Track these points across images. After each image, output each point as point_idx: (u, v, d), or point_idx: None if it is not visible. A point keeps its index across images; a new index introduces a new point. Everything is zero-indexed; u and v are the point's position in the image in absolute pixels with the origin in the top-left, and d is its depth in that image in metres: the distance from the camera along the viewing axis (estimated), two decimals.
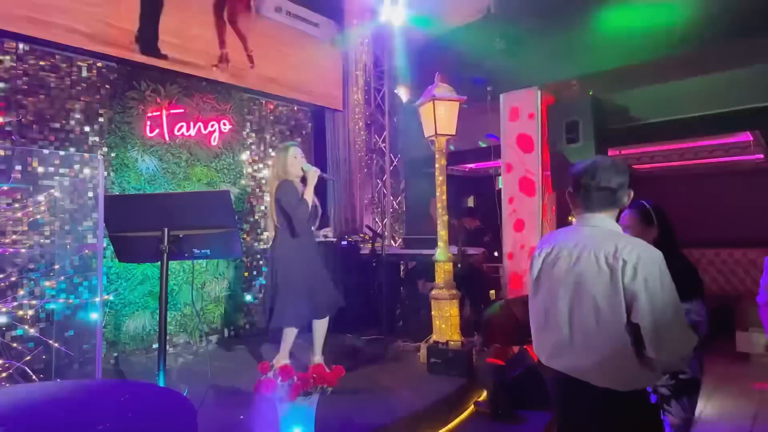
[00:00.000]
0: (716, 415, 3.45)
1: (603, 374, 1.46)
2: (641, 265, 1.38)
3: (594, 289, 1.45)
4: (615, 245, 1.44)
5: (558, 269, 1.56)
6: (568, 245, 1.56)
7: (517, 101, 4.81)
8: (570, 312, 1.51)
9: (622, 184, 1.53)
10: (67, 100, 3.73)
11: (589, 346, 1.47)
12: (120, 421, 1.00)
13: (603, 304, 1.43)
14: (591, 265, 1.46)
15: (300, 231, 3.17)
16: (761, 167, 6.40)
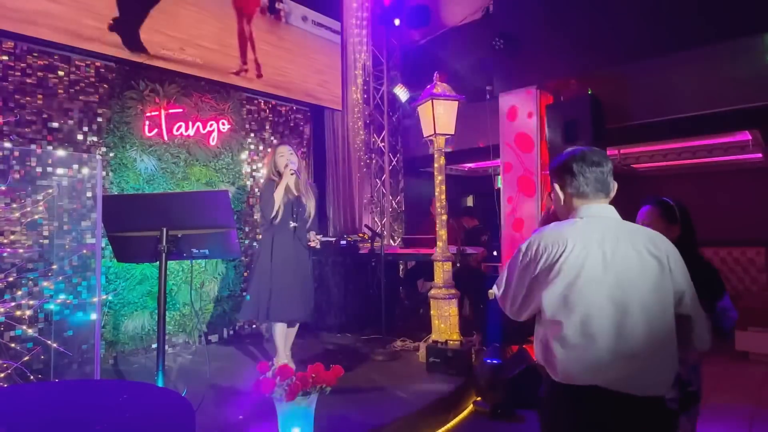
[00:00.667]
0: (715, 414, 3.45)
1: (652, 379, 1.31)
2: (676, 257, 1.35)
3: (641, 285, 1.30)
4: (648, 236, 1.36)
5: (591, 268, 1.32)
6: (592, 239, 1.35)
7: (515, 101, 4.81)
8: (617, 316, 1.30)
9: (610, 170, 1.46)
10: (66, 100, 3.72)
11: (637, 351, 1.29)
12: (118, 421, 1.00)
13: (652, 300, 1.30)
14: (632, 259, 1.32)
15: (265, 226, 3.32)
16: (760, 166, 6.41)
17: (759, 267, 6.29)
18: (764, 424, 3.30)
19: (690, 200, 7.27)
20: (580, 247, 1.34)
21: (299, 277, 3.30)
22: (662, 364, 1.32)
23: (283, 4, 5.07)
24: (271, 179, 3.35)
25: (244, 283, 4.78)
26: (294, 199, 3.31)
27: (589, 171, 1.42)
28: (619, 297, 1.30)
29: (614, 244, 1.33)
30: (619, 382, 1.31)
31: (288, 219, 3.30)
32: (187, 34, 4.23)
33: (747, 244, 6.37)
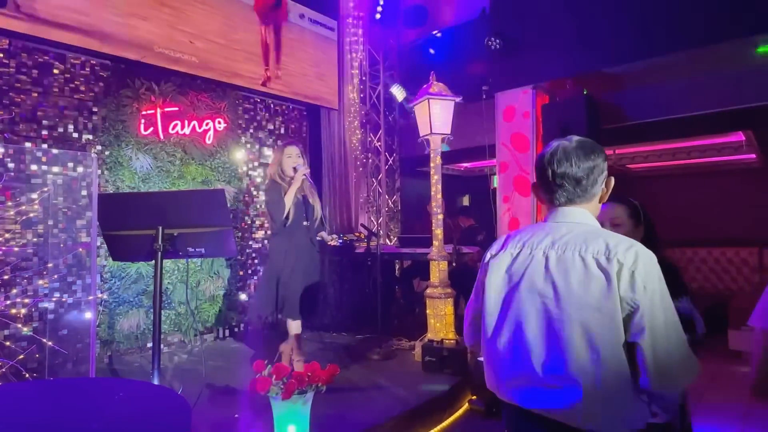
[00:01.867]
0: (708, 412, 3.48)
1: (592, 412, 1.10)
2: (640, 269, 1.09)
3: (582, 299, 1.11)
4: (605, 243, 1.13)
5: (531, 277, 1.20)
6: (542, 244, 1.21)
7: (512, 101, 4.82)
8: (548, 332, 1.15)
9: (590, 169, 1.21)
10: (61, 98, 3.71)
11: (574, 376, 1.11)
12: (114, 419, 1.00)
13: (594, 319, 1.10)
14: (576, 268, 1.13)
15: (275, 229, 3.28)
16: (753, 167, 6.46)
17: (752, 267, 6.34)
18: (757, 421, 3.33)
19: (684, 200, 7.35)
20: (527, 250, 1.24)
21: (310, 276, 3.32)
22: (606, 395, 1.10)
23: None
24: (276, 180, 3.31)
25: (240, 282, 4.78)
26: (302, 198, 3.32)
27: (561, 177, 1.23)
28: (558, 310, 1.15)
29: (561, 250, 1.18)
30: (552, 412, 1.15)
31: (300, 219, 3.29)
32: (197, 30, 4.26)
33: (740, 245, 6.41)
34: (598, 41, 4.19)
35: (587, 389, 1.10)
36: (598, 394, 1.10)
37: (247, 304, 4.88)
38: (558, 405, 1.13)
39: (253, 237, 5.03)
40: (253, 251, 5.01)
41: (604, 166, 1.24)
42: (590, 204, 1.26)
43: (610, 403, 1.10)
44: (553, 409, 1.14)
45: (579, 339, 1.11)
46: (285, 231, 3.26)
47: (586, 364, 1.10)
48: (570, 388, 1.11)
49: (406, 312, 5.28)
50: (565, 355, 1.12)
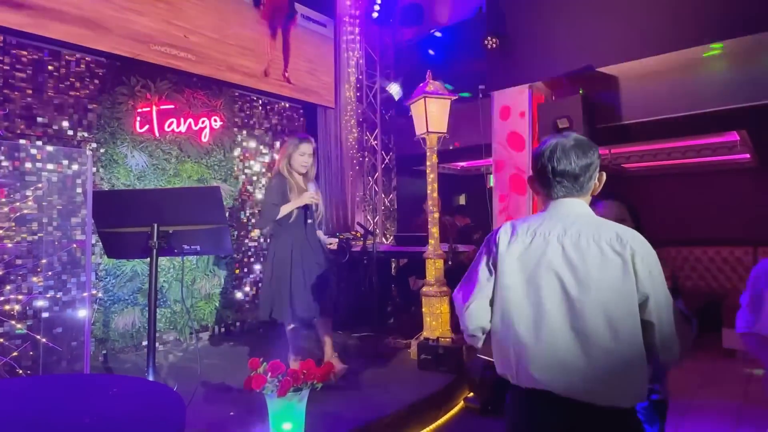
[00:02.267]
0: (701, 410, 3.50)
1: (613, 389, 1.19)
2: (646, 256, 1.20)
3: (601, 282, 1.19)
4: (615, 231, 1.22)
5: (548, 261, 1.25)
6: (554, 232, 1.27)
7: (508, 100, 4.83)
8: (569, 314, 1.22)
9: (586, 166, 1.30)
10: (56, 95, 3.69)
11: (597, 357, 1.19)
12: (107, 413, 1.00)
13: (613, 300, 1.18)
14: (593, 253, 1.21)
15: (262, 227, 3.24)
16: (747, 167, 6.49)
17: (747, 266, 6.36)
18: (750, 419, 3.35)
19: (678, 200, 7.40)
20: (540, 236, 1.29)
21: (316, 275, 3.20)
22: (626, 372, 1.19)
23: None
24: (282, 174, 3.14)
25: (236, 281, 4.77)
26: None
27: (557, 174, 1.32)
28: (577, 293, 1.21)
29: (576, 237, 1.25)
30: (573, 389, 1.21)
31: (304, 217, 3.18)
32: (191, 25, 4.25)
33: (735, 244, 6.45)
34: (594, 40, 4.21)
35: (607, 367, 1.18)
36: (617, 371, 1.18)
37: (243, 302, 4.88)
38: (580, 384, 1.20)
39: (250, 235, 5.03)
40: (249, 249, 5.00)
41: (598, 162, 1.34)
42: (586, 197, 1.35)
43: (626, 379, 1.19)
44: (575, 389, 1.21)
45: (599, 319, 1.19)
46: (287, 230, 3.14)
47: (607, 343, 1.18)
48: (591, 367, 1.19)
49: (402, 310, 5.28)
50: (587, 336, 1.20)
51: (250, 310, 4.98)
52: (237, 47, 4.63)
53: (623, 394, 1.20)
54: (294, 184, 3.15)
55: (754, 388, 3.95)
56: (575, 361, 1.20)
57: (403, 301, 5.38)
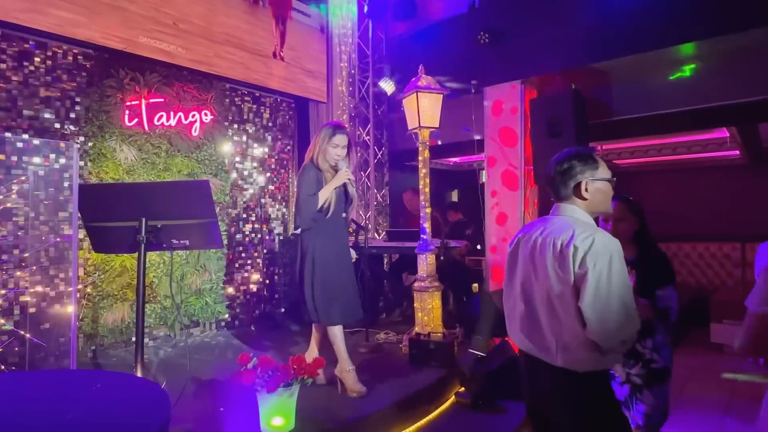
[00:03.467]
0: (689, 404, 3.54)
1: (559, 354, 1.53)
2: (592, 252, 1.43)
3: (551, 273, 1.51)
4: (572, 231, 1.50)
5: (523, 256, 1.65)
6: (535, 233, 1.62)
7: (500, 95, 4.83)
8: (532, 295, 1.60)
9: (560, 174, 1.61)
10: (42, 88, 3.63)
11: (546, 329, 1.55)
12: (90, 409, 0.98)
13: (556, 289, 1.50)
14: (549, 251, 1.53)
15: (300, 225, 2.89)
16: (737, 163, 6.55)
17: (734, 262, 6.44)
18: (737, 413, 3.39)
19: (669, 196, 7.43)
20: (526, 237, 1.66)
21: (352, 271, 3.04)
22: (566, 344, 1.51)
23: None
24: (314, 166, 2.92)
25: (227, 276, 4.74)
26: (343, 187, 2.99)
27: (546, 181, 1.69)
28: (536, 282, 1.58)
29: (544, 237, 1.57)
30: (530, 349, 1.64)
31: (340, 210, 2.96)
32: (179, 13, 4.18)
33: (723, 240, 6.51)
34: (586, 36, 4.21)
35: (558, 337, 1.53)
36: (564, 341, 1.52)
37: (234, 297, 4.85)
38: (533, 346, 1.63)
39: (241, 230, 4.99)
40: (240, 245, 4.97)
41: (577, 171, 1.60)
42: (576, 201, 1.62)
43: (568, 350, 1.51)
44: (532, 349, 1.63)
45: (550, 300, 1.53)
46: (326, 225, 2.90)
47: (555, 320, 1.53)
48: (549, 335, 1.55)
49: (394, 305, 5.28)
50: (535, 311, 1.60)
51: (242, 306, 4.96)
52: (224, 34, 4.57)
53: (570, 361, 1.51)
54: (329, 177, 2.94)
55: (742, 382, 4.00)
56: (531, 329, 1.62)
57: (395, 297, 5.38)
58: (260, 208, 5.21)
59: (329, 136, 2.92)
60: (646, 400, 2.08)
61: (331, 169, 2.97)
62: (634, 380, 2.10)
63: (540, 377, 1.63)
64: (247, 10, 4.81)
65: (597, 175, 1.59)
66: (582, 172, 1.59)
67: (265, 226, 5.25)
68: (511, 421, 2.95)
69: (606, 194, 1.62)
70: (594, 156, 1.63)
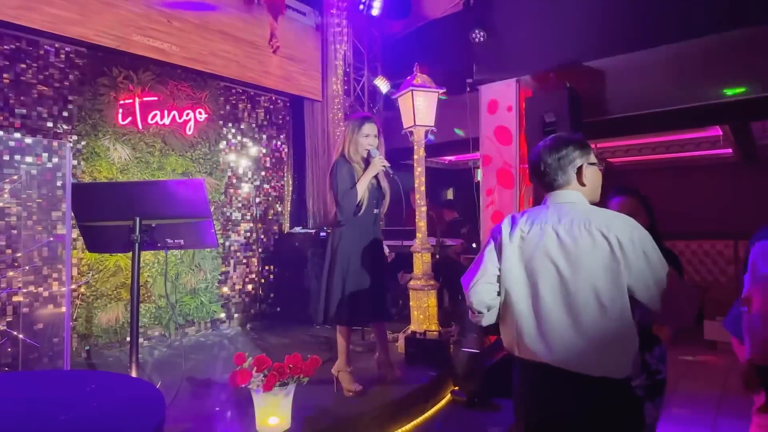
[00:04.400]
0: (682, 401, 3.56)
1: (604, 361, 1.32)
2: (637, 239, 1.31)
3: (592, 266, 1.32)
4: (605, 218, 1.35)
5: (544, 249, 1.40)
6: (550, 221, 1.42)
7: (495, 94, 4.84)
8: (567, 297, 1.35)
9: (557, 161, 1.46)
10: (34, 86, 3.60)
11: (586, 331, 1.32)
12: (83, 410, 0.98)
13: (603, 282, 1.31)
14: (584, 239, 1.34)
15: (342, 220, 2.86)
16: (730, 162, 6.59)
17: (727, 259, 6.49)
18: (730, 409, 3.42)
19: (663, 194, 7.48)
20: (537, 227, 1.44)
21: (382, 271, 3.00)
22: (616, 345, 1.31)
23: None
24: (347, 158, 2.87)
25: (222, 275, 4.73)
26: (376, 183, 2.94)
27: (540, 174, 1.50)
28: (571, 276, 1.35)
29: (569, 225, 1.38)
30: (565, 361, 1.34)
31: (372, 207, 2.91)
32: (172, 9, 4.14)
33: (716, 237, 6.56)
34: (581, 35, 4.22)
35: (596, 340, 1.31)
36: (605, 344, 1.31)
37: (229, 297, 4.84)
38: (571, 356, 1.34)
39: (236, 230, 4.98)
40: (235, 244, 4.96)
41: (576, 155, 1.47)
42: (577, 187, 1.47)
43: (615, 352, 1.32)
44: (568, 360, 1.34)
45: (590, 297, 1.32)
46: (358, 222, 2.87)
47: (596, 319, 1.32)
48: (582, 340, 1.32)
49: (390, 304, 5.28)
50: (578, 312, 1.33)
51: (237, 305, 4.94)
52: (220, 34, 4.54)
53: (613, 366, 1.32)
54: (359, 169, 2.89)
55: (734, 378, 4.03)
56: (567, 334, 1.34)
57: (391, 295, 5.38)
58: (255, 207, 5.20)
59: (358, 126, 2.89)
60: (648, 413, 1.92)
61: (361, 161, 2.92)
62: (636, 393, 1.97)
63: (561, 391, 1.37)
64: (241, 8, 4.79)
65: (592, 159, 1.49)
66: (581, 156, 1.47)
67: (260, 225, 5.23)
68: (506, 418, 2.96)
69: (599, 180, 1.51)
70: (585, 140, 1.53)
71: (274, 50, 5.06)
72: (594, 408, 1.33)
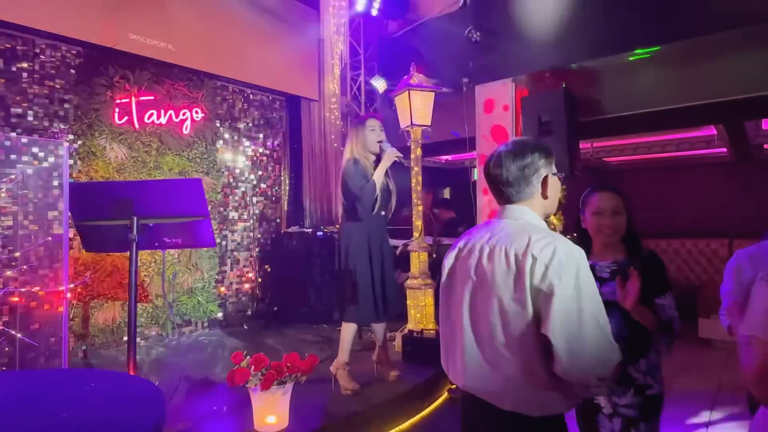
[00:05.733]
0: (677, 398, 3.59)
1: (509, 395, 1.20)
2: (555, 263, 1.13)
3: (501, 291, 1.19)
4: (528, 239, 1.19)
5: (467, 268, 1.29)
6: (482, 240, 1.30)
7: (492, 93, 4.85)
8: (474, 319, 1.26)
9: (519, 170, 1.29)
10: (30, 85, 3.59)
11: (493, 361, 1.21)
12: (84, 408, 0.98)
13: (510, 309, 1.18)
14: (500, 262, 1.21)
15: (363, 215, 2.87)
16: (724, 161, 6.64)
17: (722, 258, 6.53)
18: (725, 406, 3.45)
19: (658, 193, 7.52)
20: (470, 245, 1.33)
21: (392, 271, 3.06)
22: (520, 380, 1.18)
23: None
24: (358, 159, 2.90)
25: (219, 275, 4.72)
26: (386, 184, 2.99)
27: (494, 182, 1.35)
28: (481, 300, 1.24)
29: (493, 246, 1.25)
30: (474, 388, 1.26)
31: (382, 207, 2.95)
32: None
33: (711, 236, 6.60)
34: (577, 34, 4.24)
35: (508, 373, 1.19)
36: (517, 378, 1.18)
37: (226, 296, 4.84)
38: (481, 384, 1.25)
39: (233, 229, 4.97)
40: (232, 243, 4.95)
41: (540, 165, 1.30)
42: (531, 201, 1.32)
43: (521, 388, 1.19)
44: (478, 388, 1.26)
45: (500, 326, 1.20)
46: (368, 221, 2.90)
47: (506, 350, 1.19)
48: (496, 372, 1.21)
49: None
50: (491, 341, 1.21)
51: (234, 305, 4.94)
52: (217, 32, 4.53)
53: (524, 403, 1.19)
54: (371, 167, 2.95)
55: (729, 376, 4.07)
56: (475, 360, 1.25)
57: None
58: (252, 206, 5.20)
59: (362, 123, 2.98)
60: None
61: (372, 159, 2.98)
62: (624, 412, 1.71)
63: (481, 424, 1.28)
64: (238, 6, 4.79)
65: (554, 168, 1.33)
66: (546, 165, 1.31)
67: (258, 225, 5.23)
68: None
69: (558, 191, 1.36)
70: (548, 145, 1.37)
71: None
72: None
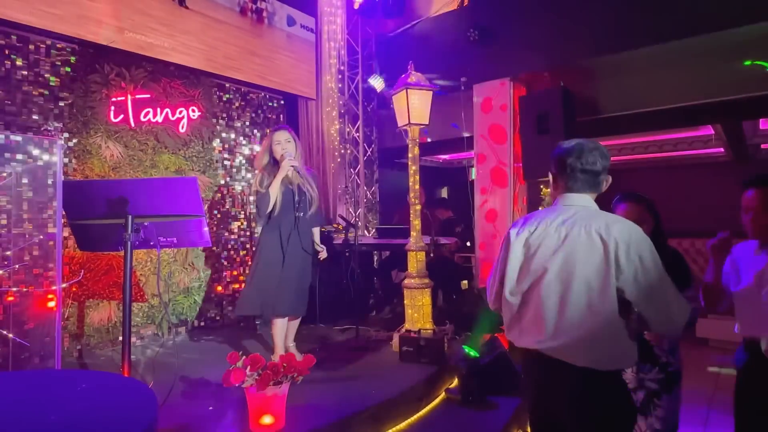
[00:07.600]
0: None
1: (587, 353, 1.44)
2: (633, 243, 1.40)
3: (586, 265, 1.43)
4: (605, 221, 1.45)
5: (545, 247, 1.53)
6: (555, 222, 1.54)
7: (489, 92, 4.84)
8: (561, 291, 1.47)
9: (605, 167, 1.57)
10: (24, 83, 3.55)
11: (577, 325, 1.44)
12: (74, 410, 0.96)
13: (595, 281, 1.42)
14: (582, 240, 1.45)
15: (258, 221, 3.14)
16: (722, 161, 6.65)
17: None
18: (721, 405, 3.45)
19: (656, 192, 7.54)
20: (542, 227, 1.56)
21: (300, 270, 3.19)
22: (600, 340, 1.42)
23: None
24: (266, 170, 3.15)
25: (215, 274, 4.70)
26: (295, 187, 3.16)
27: (582, 171, 1.55)
28: (566, 274, 1.46)
29: (570, 227, 1.49)
30: (554, 350, 1.49)
31: (290, 209, 3.14)
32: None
33: (709, 236, 6.58)
34: (575, 34, 4.24)
35: (581, 332, 1.43)
36: (589, 337, 1.43)
37: (222, 296, 4.81)
38: (559, 345, 1.47)
39: (229, 228, 4.95)
40: (229, 243, 4.93)
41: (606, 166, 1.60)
42: (595, 194, 1.60)
43: (599, 345, 1.43)
44: (556, 349, 1.48)
45: (581, 294, 1.44)
46: (272, 223, 3.13)
47: (584, 314, 1.43)
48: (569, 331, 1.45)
49: (384, 303, 5.28)
50: (568, 305, 1.45)
51: (231, 304, 4.92)
52: (214, 31, 4.51)
53: (597, 359, 1.43)
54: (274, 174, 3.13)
55: (726, 376, 4.07)
56: (556, 325, 1.47)
57: (385, 294, 5.38)
58: (249, 205, 5.17)
59: (270, 136, 3.20)
60: (665, 405, 2.01)
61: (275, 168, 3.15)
62: (649, 386, 2.04)
63: (555, 379, 1.52)
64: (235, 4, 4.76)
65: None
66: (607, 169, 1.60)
67: (254, 224, 5.21)
68: (501, 416, 2.96)
69: None
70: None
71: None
72: (577, 395, 1.46)
